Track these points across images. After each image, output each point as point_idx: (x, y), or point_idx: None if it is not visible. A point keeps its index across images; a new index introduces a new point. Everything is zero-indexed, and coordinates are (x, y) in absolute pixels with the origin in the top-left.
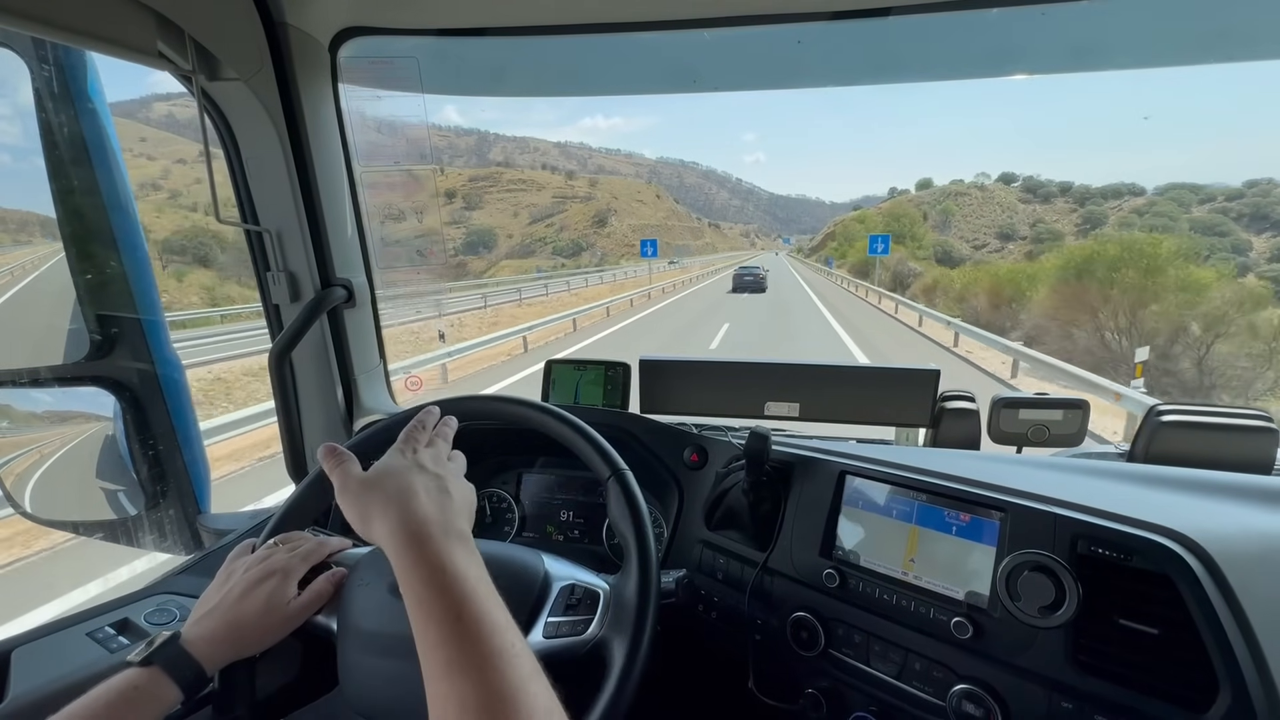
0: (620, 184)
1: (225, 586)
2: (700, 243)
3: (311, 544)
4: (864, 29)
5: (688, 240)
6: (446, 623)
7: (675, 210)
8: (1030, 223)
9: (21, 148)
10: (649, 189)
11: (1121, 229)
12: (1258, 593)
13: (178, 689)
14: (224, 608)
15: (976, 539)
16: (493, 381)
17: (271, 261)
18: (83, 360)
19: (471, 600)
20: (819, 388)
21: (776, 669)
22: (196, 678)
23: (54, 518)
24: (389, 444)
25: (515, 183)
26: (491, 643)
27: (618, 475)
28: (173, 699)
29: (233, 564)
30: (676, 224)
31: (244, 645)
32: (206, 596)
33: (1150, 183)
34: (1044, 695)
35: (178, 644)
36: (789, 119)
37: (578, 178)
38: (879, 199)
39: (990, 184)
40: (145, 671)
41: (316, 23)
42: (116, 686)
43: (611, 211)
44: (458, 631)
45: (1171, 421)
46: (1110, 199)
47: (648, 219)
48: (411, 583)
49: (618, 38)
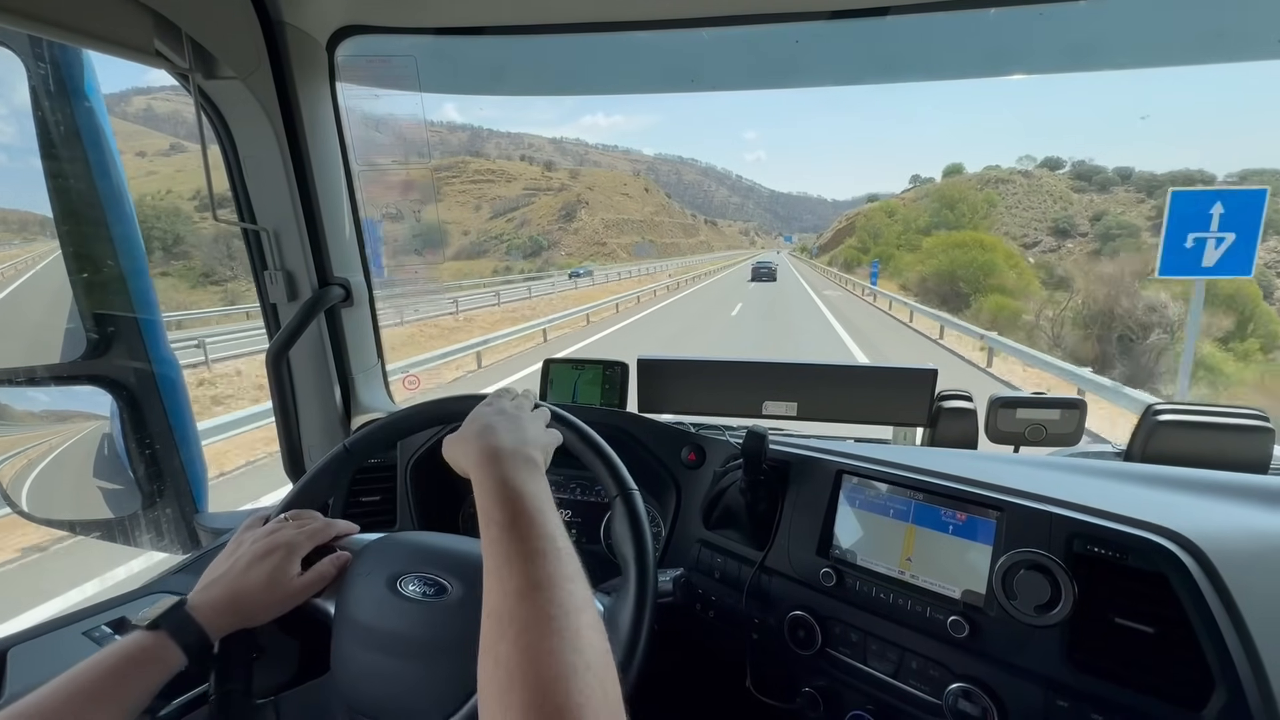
0: (605, 176)
1: (233, 556)
2: (694, 241)
3: (319, 523)
4: (863, 28)
5: (678, 238)
6: (504, 525)
7: (666, 206)
8: (1091, 216)
9: (18, 146)
10: (637, 181)
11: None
12: (1253, 592)
13: (182, 653)
14: (230, 577)
15: (973, 538)
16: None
17: (269, 260)
18: (79, 359)
19: (528, 509)
20: (817, 387)
21: (774, 668)
22: (201, 643)
23: (51, 517)
24: (387, 443)
25: (482, 173)
26: (540, 543)
27: (625, 496)
28: (177, 663)
29: (243, 534)
30: (667, 220)
31: (246, 615)
32: (215, 564)
33: (1220, 170)
34: (1040, 694)
35: (184, 610)
36: (790, 116)
37: (558, 169)
38: (882, 196)
39: (1034, 169)
40: (151, 635)
41: (314, 21)
42: (124, 648)
43: (582, 204)
44: (513, 533)
45: (1168, 421)
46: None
47: (631, 214)
48: (481, 496)
49: (617, 37)
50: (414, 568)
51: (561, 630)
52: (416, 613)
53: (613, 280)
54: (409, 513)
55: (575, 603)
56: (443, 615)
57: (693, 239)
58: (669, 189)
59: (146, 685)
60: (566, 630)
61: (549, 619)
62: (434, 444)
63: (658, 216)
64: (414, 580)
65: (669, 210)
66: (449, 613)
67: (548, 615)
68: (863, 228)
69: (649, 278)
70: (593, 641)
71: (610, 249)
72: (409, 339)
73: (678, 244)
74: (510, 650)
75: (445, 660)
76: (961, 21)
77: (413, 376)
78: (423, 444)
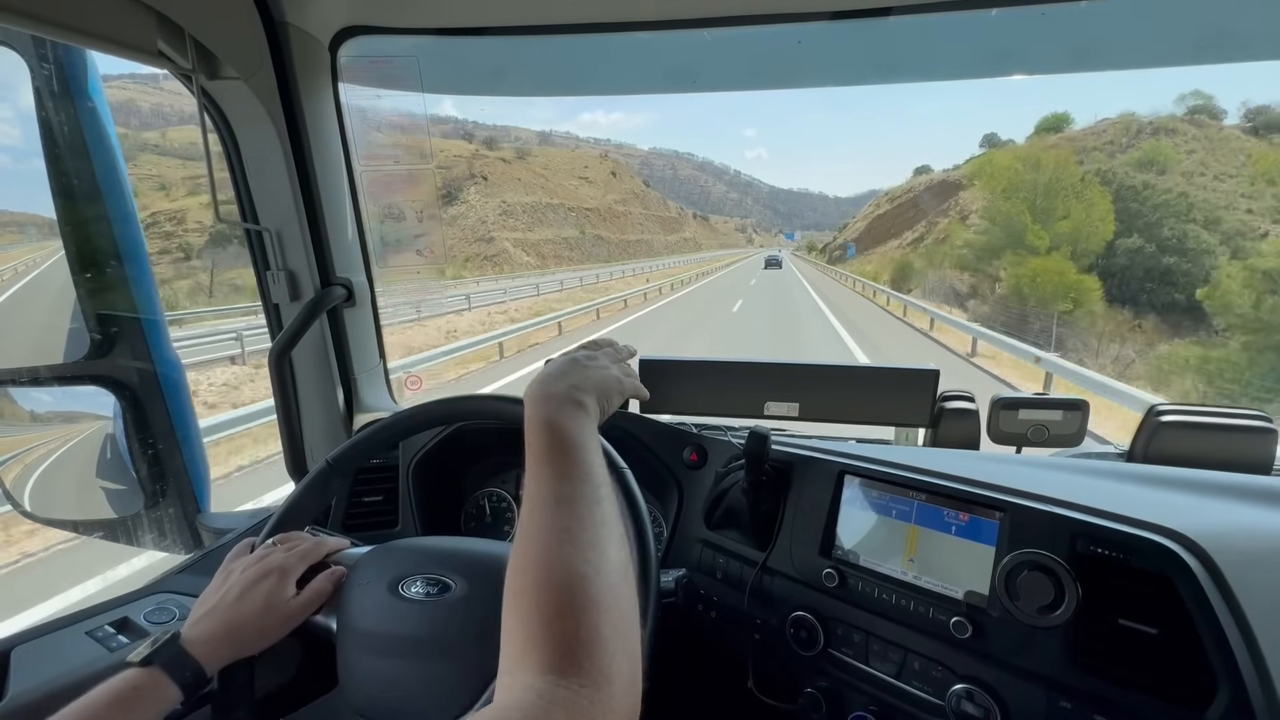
0: (561, 156)
1: (223, 587)
2: (675, 238)
3: (310, 543)
4: (864, 29)
5: (652, 234)
6: (540, 450)
7: (641, 195)
8: None
9: (21, 147)
10: (602, 165)
11: None
12: (1257, 593)
13: (177, 689)
14: (222, 608)
15: (976, 538)
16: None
17: (271, 261)
18: (83, 359)
19: (565, 441)
20: (819, 387)
21: (776, 668)
22: (196, 677)
23: (54, 517)
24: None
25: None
26: (570, 467)
27: (617, 474)
28: (173, 699)
29: (231, 564)
30: (637, 211)
31: (243, 645)
32: (205, 597)
33: None
34: (1043, 695)
35: (177, 644)
36: (792, 112)
37: (501, 147)
38: (879, 193)
39: (1208, 121)
40: (145, 672)
41: (316, 22)
42: (116, 687)
43: (475, 180)
44: (547, 457)
45: (1171, 422)
46: None
47: (581, 200)
48: (529, 433)
49: (617, 37)
50: (415, 569)
51: (576, 539)
52: (422, 613)
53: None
54: (411, 513)
55: (597, 518)
56: (449, 612)
57: (674, 235)
58: (664, 184)
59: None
60: (580, 539)
61: (566, 529)
62: (436, 445)
63: (623, 206)
64: (417, 582)
65: (644, 200)
66: (455, 609)
67: (565, 526)
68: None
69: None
70: (608, 553)
71: (499, 249)
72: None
73: (648, 241)
74: (527, 557)
75: (455, 656)
76: (963, 21)
77: (414, 376)
78: (425, 444)
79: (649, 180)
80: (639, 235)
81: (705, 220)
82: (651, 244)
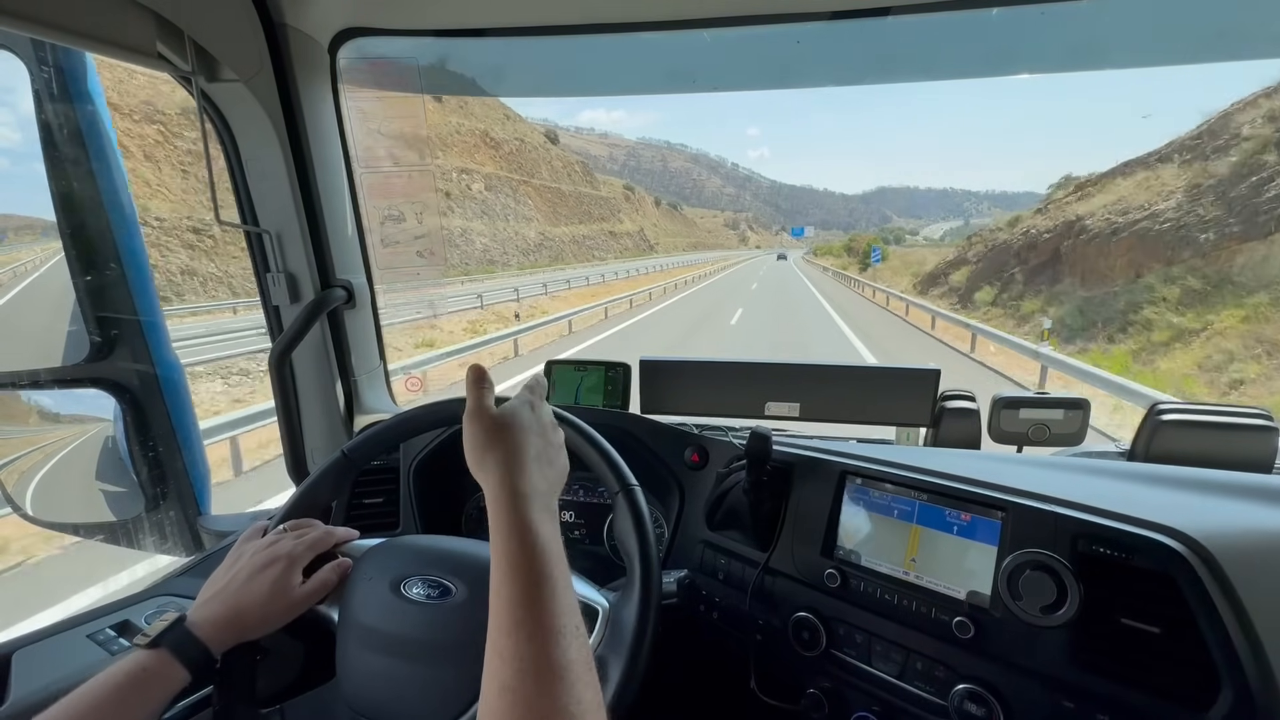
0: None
1: (233, 569)
2: (592, 229)
3: (319, 532)
4: (864, 29)
5: (575, 225)
6: (527, 586)
7: (572, 171)
8: None
9: (20, 151)
10: (514, 126)
11: None
12: (1259, 591)
13: (185, 670)
14: (230, 591)
15: (977, 538)
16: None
17: (271, 263)
18: (83, 362)
19: (552, 573)
20: (819, 388)
21: (778, 669)
22: (203, 659)
23: (54, 520)
24: (387, 448)
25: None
26: (561, 619)
27: (627, 491)
28: (180, 680)
29: (242, 546)
30: (564, 201)
31: (248, 629)
32: (214, 578)
33: None
34: (1046, 694)
35: (184, 626)
36: (796, 110)
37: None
38: (889, 191)
39: None
40: (153, 654)
41: (316, 24)
42: (125, 668)
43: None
44: (533, 597)
45: (1172, 420)
46: None
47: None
48: (505, 538)
49: (618, 38)
50: (417, 570)
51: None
52: (421, 615)
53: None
54: (411, 514)
55: (590, 695)
56: (447, 617)
57: (596, 226)
58: (653, 177)
59: (149, 705)
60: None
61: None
62: (437, 446)
63: (504, 171)
64: (418, 583)
65: (572, 176)
66: (453, 614)
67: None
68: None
69: None
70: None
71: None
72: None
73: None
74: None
75: (450, 662)
76: (963, 21)
77: (414, 378)
78: (426, 446)
79: (655, 182)
80: (563, 232)
81: (675, 210)
82: (525, 236)
